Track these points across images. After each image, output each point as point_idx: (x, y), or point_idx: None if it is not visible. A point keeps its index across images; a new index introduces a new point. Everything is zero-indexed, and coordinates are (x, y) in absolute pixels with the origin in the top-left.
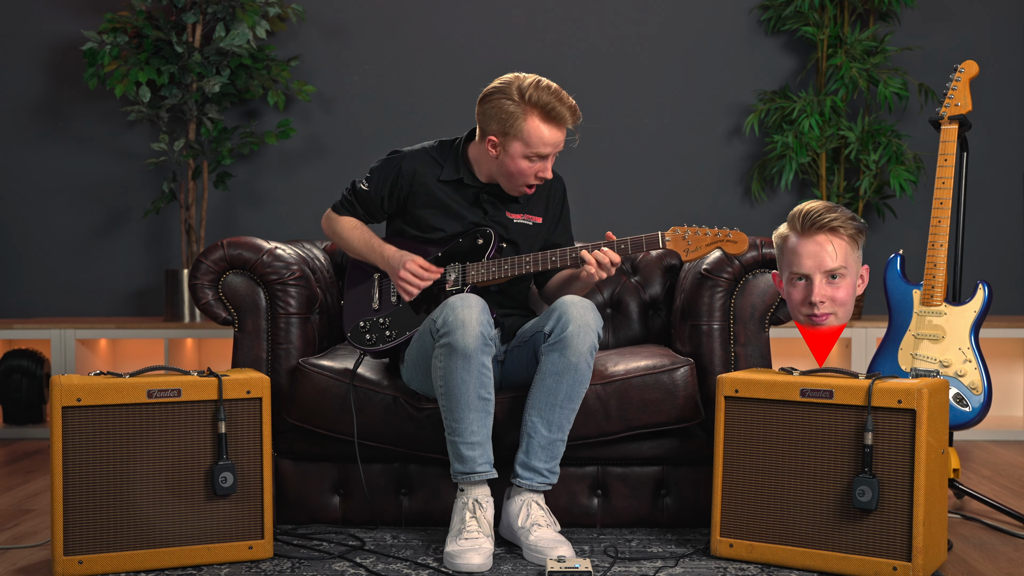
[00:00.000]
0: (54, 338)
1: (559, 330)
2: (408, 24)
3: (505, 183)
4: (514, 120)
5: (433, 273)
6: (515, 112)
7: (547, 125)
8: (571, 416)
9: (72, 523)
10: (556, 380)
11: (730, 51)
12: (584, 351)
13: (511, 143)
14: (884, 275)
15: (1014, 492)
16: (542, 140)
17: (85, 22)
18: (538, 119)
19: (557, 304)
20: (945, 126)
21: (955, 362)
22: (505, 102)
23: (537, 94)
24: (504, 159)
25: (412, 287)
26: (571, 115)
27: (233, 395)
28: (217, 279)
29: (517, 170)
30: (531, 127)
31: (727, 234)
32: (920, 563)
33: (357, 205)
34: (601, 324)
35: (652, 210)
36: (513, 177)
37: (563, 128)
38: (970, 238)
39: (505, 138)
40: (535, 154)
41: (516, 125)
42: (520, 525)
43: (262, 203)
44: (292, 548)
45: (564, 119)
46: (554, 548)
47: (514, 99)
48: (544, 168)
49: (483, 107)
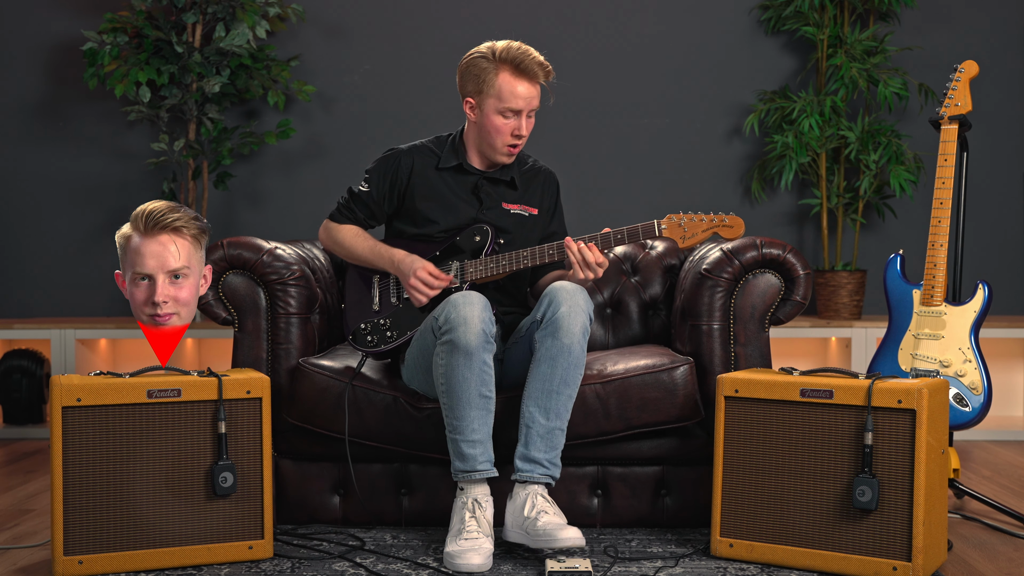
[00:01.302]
0: (54, 338)
1: (551, 313)
2: (408, 24)
3: (488, 149)
4: (486, 75)
5: (443, 280)
6: (487, 68)
7: (518, 79)
8: (568, 403)
9: (72, 523)
10: (551, 365)
11: (730, 51)
12: (576, 332)
13: (486, 100)
14: (884, 275)
15: (1014, 492)
16: (513, 94)
17: (85, 22)
18: (509, 73)
19: (547, 291)
20: (945, 126)
21: (955, 362)
22: (479, 60)
23: (507, 51)
24: (481, 120)
25: (422, 295)
26: (541, 70)
27: (233, 395)
28: (217, 279)
29: (493, 127)
30: (503, 81)
31: (723, 219)
32: (920, 563)
33: (356, 210)
34: (592, 307)
35: (652, 210)
36: (491, 136)
37: (535, 83)
38: (970, 238)
39: (480, 96)
40: (508, 109)
41: (488, 80)
42: (526, 515)
43: (262, 203)
44: (292, 548)
45: (534, 73)
46: (562, 530)
47: (486, 58)
48: (519, 126)
49: (460, 72)
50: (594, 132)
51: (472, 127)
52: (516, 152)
